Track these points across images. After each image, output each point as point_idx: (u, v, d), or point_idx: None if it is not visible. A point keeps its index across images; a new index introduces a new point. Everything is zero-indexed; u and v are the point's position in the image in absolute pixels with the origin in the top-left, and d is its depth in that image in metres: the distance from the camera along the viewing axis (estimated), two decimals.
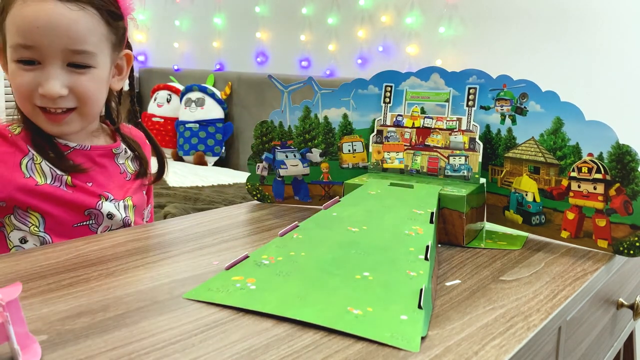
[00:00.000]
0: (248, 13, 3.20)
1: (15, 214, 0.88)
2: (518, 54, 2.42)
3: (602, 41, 2.25)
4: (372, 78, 1.01)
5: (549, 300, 0.66)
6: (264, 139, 1.06)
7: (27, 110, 0.87)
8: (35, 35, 0.81)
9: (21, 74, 0.83)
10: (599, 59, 2.26)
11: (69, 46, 0.82)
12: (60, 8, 0.81)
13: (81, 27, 0.82)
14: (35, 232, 0.88)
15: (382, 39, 2.78)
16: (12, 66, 0.84)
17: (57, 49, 0.82)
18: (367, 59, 2.83)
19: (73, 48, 0.83)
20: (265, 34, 3.17)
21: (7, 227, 0.89)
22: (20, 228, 0.89)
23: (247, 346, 0.52)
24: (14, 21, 0.82)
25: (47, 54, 0.82)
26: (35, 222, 0.88)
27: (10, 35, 0.83)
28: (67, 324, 0.55)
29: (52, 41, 0.81)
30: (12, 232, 0.89)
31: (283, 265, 0.67)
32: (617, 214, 0.81)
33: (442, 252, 0.83)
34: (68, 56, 0.83)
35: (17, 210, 0.88)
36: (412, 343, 0.53)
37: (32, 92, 0.84)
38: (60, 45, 0.82)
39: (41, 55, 0.82)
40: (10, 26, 0.83)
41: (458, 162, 0.94)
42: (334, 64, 2.94)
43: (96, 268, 0.70)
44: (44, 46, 0.81)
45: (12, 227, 0.89)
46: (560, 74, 2.29)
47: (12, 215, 0.88)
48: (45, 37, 0.81)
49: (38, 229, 0.88)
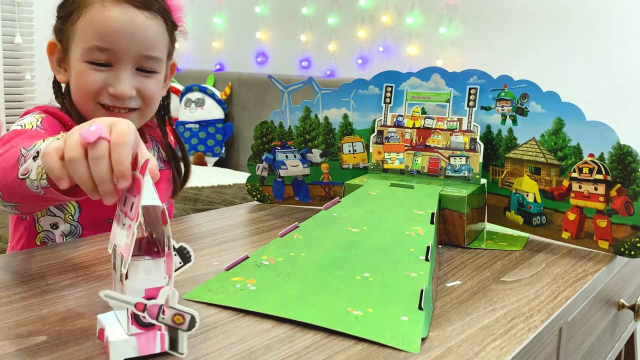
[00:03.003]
0: (248, 13, 3.20)
1: None
2: (519, 54, 2.42)
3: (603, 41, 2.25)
4: (373, 78, 1.01)
5: (550, 301, 0.66)
6: (264, 140, 1.06)
7: (88, 108, 0.89)
8: (114, 39, 0.85)
9: (92, 73, 0.86)
10: (600, 59, 2.25)
11: (142, 52, 0.87)
12: (139, 15, 0.87)
13: (154, 35, 0.89)
14: (70, 220, 0.91)
15: (383, 39, 2.78)
16: (81, 66, 0.87)
17: (132, 53, 0.87)
18: (367, 59, 2.83)
19: (145, 53, 0.88)
20: (265, 34, 3.17)
21: (38, 212, 0.90)
22: (54, 214, 0.90)
23: (247, 347, 0.52)
24: (91, 24, 0.86)
25: (121, 57, 0.86)
26: (71, 210, 0.91)
27: (85, 38, 0.86)
28: (67, 324, 0.55)
29: (129, 46, 0.86)
30: (44, 217, 0.90)
31: (283, 266, 0.67)
32: (618, 214, 0.81)
33: (443, 252, 0.83)
34: (139, 61, 0.88)
35: None
36: (412, 344, 0.53)
37: (100, 91, 0.87)
38: (135, 50, 0.87)
39: (115, 57, 0.86)
40: (87, 29, 0.86)
41: (459, 162, 0.94)
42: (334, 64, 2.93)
43: (96, 269, 0.70)
44: (121, 50, 0.86)
45: (45, 212, 0.90)
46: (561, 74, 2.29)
47: None
48: (123, 41, 0.86)
49: (73, 217, 0.91)
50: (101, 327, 0.50)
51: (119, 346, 0.47)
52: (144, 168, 0.48)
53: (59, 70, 0.93)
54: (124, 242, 0.48)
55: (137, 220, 0.47)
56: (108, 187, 0.50)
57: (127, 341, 0.47)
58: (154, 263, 0.48)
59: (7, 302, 0.60)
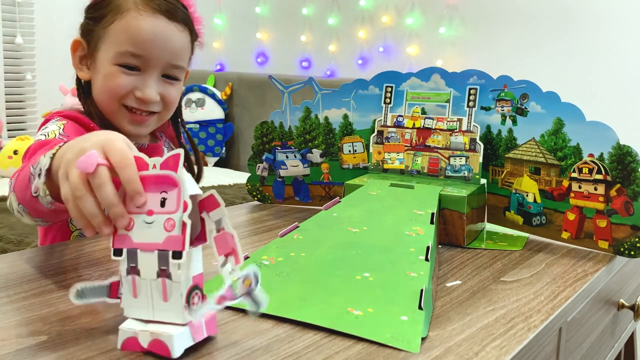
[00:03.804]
0: (248, 13, 3.20)
1: None
2: (519, 55, 2.42)
3: (603, 41, 2.25)
4: (373, 78, 1.01)
5: (550, 301, 0.66)
6: (264, 140, 1.06)
7: (113, 109, 0.92)
8: (148, 46, 0.89)
9: (122, 76, 0.90)
10: (600, 59, 2.26)
11: (170, 60, 0.92)
12: (172, 26, 0.91)
13: (182, 45, 0.94)
14: None
15: (383, 39, 2.78)
16: (112, 68, 0.90)
17: (161, 61, 0.91)
18: (367, 59, 2.83)
19: (173, 62, 0.93)
20: (265, 34, 3.17)
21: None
22: None
23: (248, 347, 0.52)
24: (127, 30, 0.89)
25: (151, 64, 0.91)
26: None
27: (118, 42, 0.90)
28: (67, 324, 0.55)
29: (160, 54, 0.90)
30: None
31: (283, 265, 0.67)
32: (617, 214, 0.81)
33: (443, 252, 0.83)
34: (166, 68, 0.93)
35: None
36: (412, 344, 0.53)
37: (127, 94, 0.91)
38: (164, 58, 0.91)
39: (145, 64, 0.90)
40: (121, 34, 0.89)
41: (459, 162, 0.94)
42: (334, 64, 2.94)
43: (97, 268, 0.70)
44: (152, 57, 0.90)
45: None
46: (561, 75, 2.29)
47: None
48: (155, 49, 0.90)
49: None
50: (129, 335, 0.50)
51: (179, 339, 0.49)
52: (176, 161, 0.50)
53: (80, 68, 0.95)
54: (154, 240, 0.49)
55: (187, 210, 0.48)
56: (119, 209, 0.51)
57: (182, 333, 0.49)
58: (194, 251, 0.50)
59: (7, 301, 0.60)
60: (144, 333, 0.49)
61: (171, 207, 0.49)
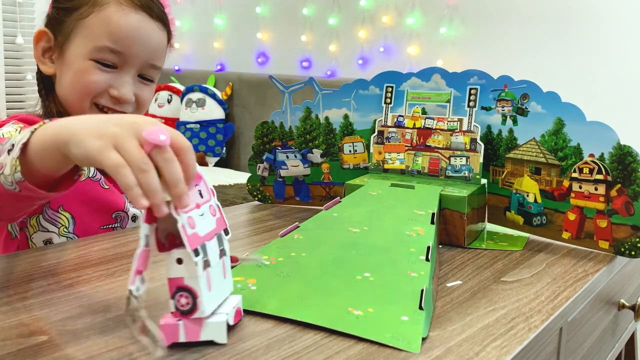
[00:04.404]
0: (249, 13, 3.20)
1: (45, 214, 0.87)
2: (519, 55, 2.42)
3: (603, 41, 2.25)
4: (373, 79, 1.01)
5: (550, 301, 0.66)
6: (264, 140, 1.06)
7: (82, 107, 0.88)
8: (128, 42, 0.86)
9: (96, 72, 0.86)
10: (600, 59, 2.25)
11: (149, 59, 0.89)
12: (152, 24, 0.89)
13: (161, 44, 0.91)
14: (64, 234, 0.88)
15: (383, 39, 2.78)
16: (86, 63, 0.86)
17: (140, 60, 0.88)
18: (367, 59, 2.83)
19: (151, 62, 0.90)
20: (266, 34, 3.17)
21: (30, 229, 0.87)
22: (47, 229, 0.87)
23: (248, 347, 0.52)
24: (107, 24, 0.85)
25: (129, 62, 0.87)
26: (65, 222, 0.88)
27: (96, 36, 0.86)
28: (67, 324, 0.55)
29: (140, 52, 0.87)
30: (36, 234, 0.87)
31: (284, 266, 0.67)
32: (618, 214, 0.81)
33: (443, 252, 0.83)
34: (143, 68, 0.90)
35: (48, 211, 0.87)
36: (412, 344, 0.53)
37: (102, 92, 0.87)
38: (143, 57, 0.88)
39: (123, 61, 0.87)
40: (100, 27, 0.85)
41: (459, 162, 0.94)
42: (334, 64, 2.94)
43: (97, 268, 0.70)
44: (131, 54, 0.87)
45: (37, 228, 0.87)
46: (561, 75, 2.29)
47: (40, 215, 0.87)
48: (135, 47, 0.87)
49: (67, 230, 0.88)
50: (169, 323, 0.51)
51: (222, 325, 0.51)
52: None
53: (43, 61, 0.91)
54: (211, 227, 0.53)
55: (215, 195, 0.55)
56: (184, 187, 0.48)
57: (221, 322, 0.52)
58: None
59: (7, 301, 0.60)
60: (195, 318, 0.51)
61: (206, 196, 0.54)
